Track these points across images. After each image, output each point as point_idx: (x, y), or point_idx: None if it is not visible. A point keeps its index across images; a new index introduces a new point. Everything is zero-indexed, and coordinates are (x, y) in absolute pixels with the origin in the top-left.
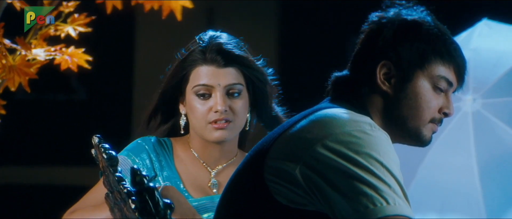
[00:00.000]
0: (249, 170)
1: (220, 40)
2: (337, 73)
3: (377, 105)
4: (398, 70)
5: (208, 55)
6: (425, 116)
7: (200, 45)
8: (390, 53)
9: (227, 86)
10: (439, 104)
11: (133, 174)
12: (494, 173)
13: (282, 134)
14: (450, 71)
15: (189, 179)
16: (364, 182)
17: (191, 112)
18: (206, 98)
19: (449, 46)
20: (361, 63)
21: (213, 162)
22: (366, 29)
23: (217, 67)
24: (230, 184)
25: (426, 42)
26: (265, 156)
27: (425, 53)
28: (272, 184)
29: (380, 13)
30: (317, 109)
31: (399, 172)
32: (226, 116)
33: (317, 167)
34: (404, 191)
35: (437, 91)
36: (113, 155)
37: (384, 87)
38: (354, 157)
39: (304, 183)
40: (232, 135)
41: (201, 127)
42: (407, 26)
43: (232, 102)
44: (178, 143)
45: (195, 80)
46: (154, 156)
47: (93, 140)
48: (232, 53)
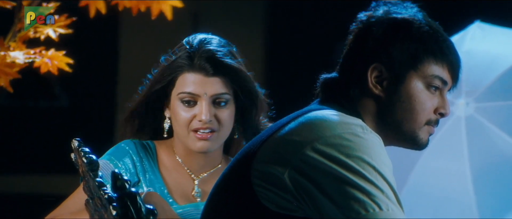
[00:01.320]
0: (235, 174)
1: (210, 47)
2: (326, 75)
3: (370, 109)
4: (390, 72)
5: (197, 61)
6: (420, 118)
7: (188, 50)
8: (380, 54)
9: (214, 95)
10: (434, 104)
11: (114, 179)
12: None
13: (270, 136)
14: (444, 70)
15: (174, 185)
16: (356, 187)
17: (175, 118)
18: (191, 105)
19: (441, 43)
20: (351, 65)
21: (197, 169)
22: (354, 29)
23: (205, 75)
24: (216, 188)
25: (417, 41)
26: (252, 160)
27: (417, 53)
28: (259, 189)
29: (369, 12)
30: (307, 111)
31: (392, 176)
32: (210, 126)
33: (306, 171)
34: (397, 196)
35: (431, 91)
36: (93, 159)
37: (376, 91)
38: (345, 161)
39: (293, 188)
40: (215, 145)
41: (183, 134)
42: (397, 26)
43: (218, 112)
44: (162, 146)
45: (181, 86)
46: (137, 159)
47: (72, 143)
48: (222, 62)
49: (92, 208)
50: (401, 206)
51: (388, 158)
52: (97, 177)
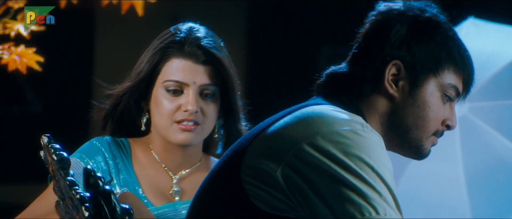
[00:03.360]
0: (225, 171)
1: (200, 35)
2: (335, 67)
3: (378, 109)
4: (409, 72)
5: (187, 48)
6: (430, 127)
7: (178, 35)
8: (403, 51)
9: (202, 86)
10: (444, 115)
11: (87, 176)
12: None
13: (263, 130)
14: (460, 81)
15: (149, 184)
16: (352, 188)
17: (156, 108)
18: (176, 94)
19: (463, 53)
20: (366, 59)
21: (175, 167)
22: (373, 20)
23: (195, 62)
24: (203, 187)
25: (442, 45)
26: (243, 155)
27: (441, 57)
28: (250, 187)
29: (387, 3)
30: (304, 105)
31: (392, 179)
32: (195, 118)
33: (300, 168)
34: (396, 201)
35: (444, 100)
36: (64, 157)
37: (390, 90)
38: (342, 159)
39: (286, 186)
40: (198, 139)
41: (165, 126)
42: (423, 24)
43: (204, 104)
44: (137, 144)
45: (167, 73)
46: (110, 158)
47: (42, 139)
48: (213, 50)
49: (63, 210)
50: (400, 212)
51: (389, 159)
52: (68, 176)
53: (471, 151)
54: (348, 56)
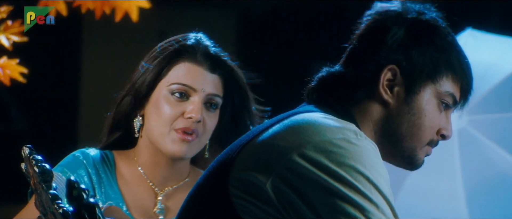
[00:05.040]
0: (211, 184)
1: (209, 44)
2: (329, 69)
3: (371, 115)
4: (406, 78)
5: (200, 53)
6: (425, 137)
7: (189, 40)
8: (400, 55)
9: (210, 94)
10: (440, 124)
11: (70, 187)
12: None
13: (251, 140)
14: (458, 89)
15: (133, 200)
16: (347, 200)
17: (156, 112)
18: (182, 99)
19: (462, 60)
20: (361, 62)
21: (161, 182)
22: (368, 21)
23: (206, 70)
24: (188, 200)
25: (441, 50)
26: (230, 167)
27: (439, 63)
28: (238, 200)
29: (384, 3)
30: (293, 113)
31: (389, 189)
32: (196, 127)
33: (291, 180)
34: (394, 212)
35: (440, 108)
36: (46, 168)
37: (385, 96)
38: (335, 170)
39: (276, 200)
40: (193, 152)
41: (162, 132)
42: (422, 27)
43: (206, 115)
44: (121, 157)
45: (175, 76)
46: (93, 172)
47: (23, 151)
48: (224, 60)
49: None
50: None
51: (384, 168)
52: (50, 189)
53: (470, 165)
54: (342, 59)
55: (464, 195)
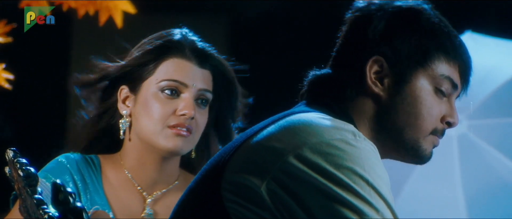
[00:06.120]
0: (203, 188)
1: (195, 38)
2: (316, 72)
3: (366, 112)
4: (394, 68)
5: (188, 48)
6: (426, 125)
7: (175, 35)
8: (383, 46)
9: (201, 90)
10: (442, 111)
11: (55, 191)
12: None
13: (244, 142)
14: (455, 71)
15: (120, 206)
16: (345, 204)
17: (145, 112)
18: (172, 97)
19: (454, 40)
20: (346, 59)
21: (150, 186)
22: (351, 18)
23: (196, 65)
24: (180, 205)
25: (428, 34)
26: (224, 170)
27: (428, 48)
28: (231, 205)
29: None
30: (289, 113)
31: (389, 192)
32: (190, 124)
33: (287, 183)
34: (395, 215)
35: (440, 95)
36: (31, 172)
37: (375, 89)
38: (333, 173)
39: (272, 204)
40: (187, 148)
41: (154, 131)
42: (404, 14)
43: (198, 113)
44: (108, 161)
45: (165, 73)
46: (78, 178)
47: (7, 154)
48: (213, 54)
49: None
50: None
51: (385, 170)
52: (35, 194)
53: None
54: (329, 61)
55: (464, 201)
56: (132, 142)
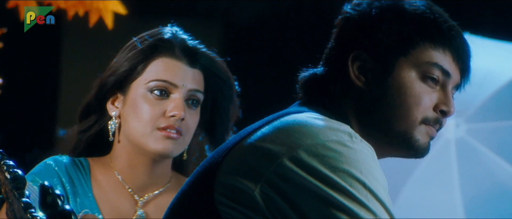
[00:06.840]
0: (195, 190)
1: (185, 36)
2: (308, 71)
3: (355, 108)
4: (375, 60)
5: (178, 47)
6: (414, 114)
7: (165, 34)
8: (362, 40)
9: (191, 90)
10: (433, 100)
11: (43, 193)
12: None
13: (238, 143)
14: (445, 57)
15: (110, 209)
16: (341, 208)
17: (134, 113)
18: (162, 97)
19: (440, 25)
20: (331, 57)
21: (141, 188)
22: (338, 20)
23: (186, 64)
24: (172, 208)
25: (409, 22)
26: (216, 172)
27: (409, 36)
28: (224, 209)
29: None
30: (283, 114)
31: (387, 195)
32: (180, 126)
33: (281, 186)
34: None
35: (429, 83)
36: (19, 175)
37: (359, 83)
38: (329, 176)
39: (265, 208)
40: (178, 151)
41: (143, 133)
42: (384, 8)
43: (188, 113)
44: (97, 164)
45: (154, 73)
46: (67, 181)
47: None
48: (204, 52)
49: None
50: None
51: (382, 173)
52: (23, 197)
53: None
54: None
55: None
56: (122, 144)
